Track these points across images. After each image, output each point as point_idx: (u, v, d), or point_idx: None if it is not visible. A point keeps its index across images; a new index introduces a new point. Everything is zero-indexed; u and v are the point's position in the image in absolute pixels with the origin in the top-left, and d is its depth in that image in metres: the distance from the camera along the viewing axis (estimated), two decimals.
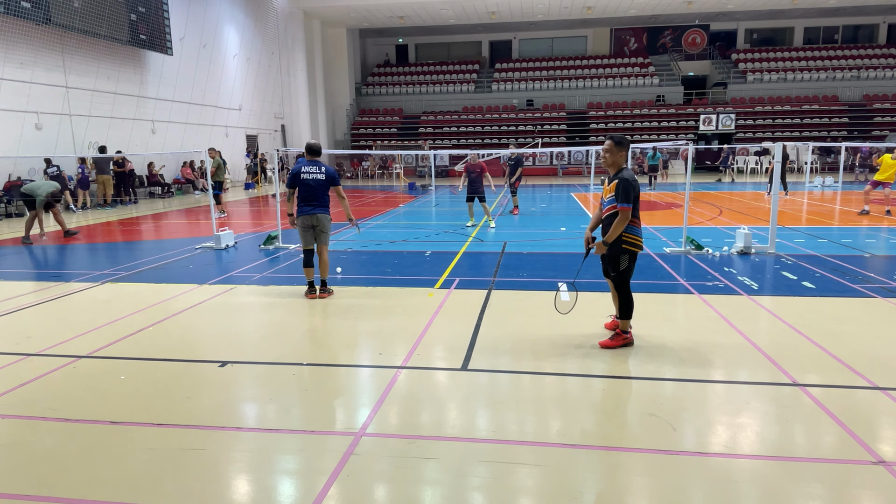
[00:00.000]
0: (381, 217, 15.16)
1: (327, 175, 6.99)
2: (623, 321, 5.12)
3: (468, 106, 38.64)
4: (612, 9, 33.24)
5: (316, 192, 6.95)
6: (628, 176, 4.81)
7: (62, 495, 3.06)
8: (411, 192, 23.24)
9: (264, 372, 4.71)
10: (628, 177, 4.81)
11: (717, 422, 3.76)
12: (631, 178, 4.80)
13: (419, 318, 6.01)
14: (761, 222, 12.38)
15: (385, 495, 3.05)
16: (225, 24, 27.21)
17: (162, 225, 14.24)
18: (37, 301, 7.01)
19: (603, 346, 5.07)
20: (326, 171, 7.01)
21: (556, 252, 9.57)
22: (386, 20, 35.24)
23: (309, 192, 6.92)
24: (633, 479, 3.15)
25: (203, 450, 3.50)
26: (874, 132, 33.18)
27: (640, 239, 4.94)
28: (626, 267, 4.96)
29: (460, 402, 4.16)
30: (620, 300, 5.08)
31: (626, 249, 4.89)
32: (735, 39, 40.53)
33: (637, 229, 4.91)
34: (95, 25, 18.39)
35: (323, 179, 6.96)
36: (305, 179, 6.89)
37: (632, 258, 4.95)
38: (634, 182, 4.81)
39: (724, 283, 7.35)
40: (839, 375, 4.44)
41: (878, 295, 6.68)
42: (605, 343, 5.10)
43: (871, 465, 3.23)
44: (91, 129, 19.14)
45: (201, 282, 7.81)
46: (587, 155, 31.18)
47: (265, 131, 31.42)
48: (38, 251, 10.87)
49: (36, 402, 4.18)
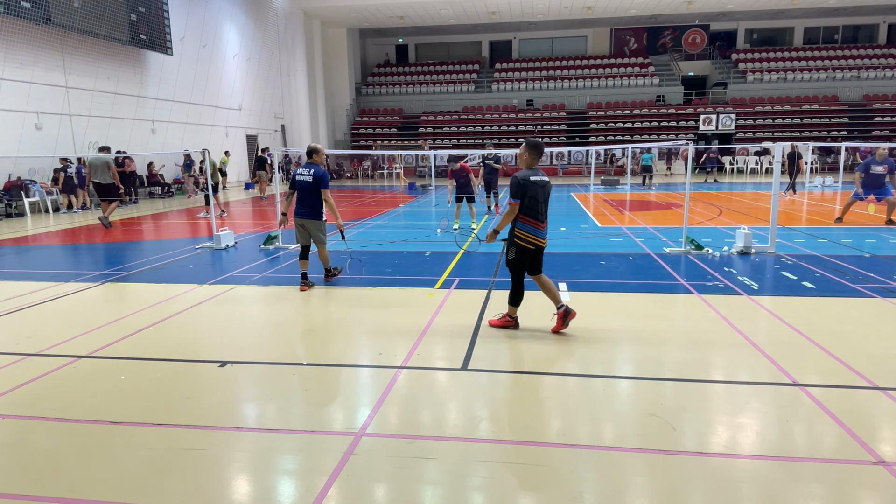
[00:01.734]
0: (380, 217, 15.16)
1: (314, 177, 7.03)
2: (510, 307, 5.61)
3: (468, 106, 38.64)
4: (612, 9, 33.24)
5: (304, 195, 7.10)
6: (520, 176, 5.24)
7: (62, 495, 3.06)
8: (411, 192, 23.24)
9: (264, 372, 4.71)
10: (520, 176, 5.23)
11: (717, 422, 3.76)
12: (521, 178, 5.20)
13: (419, 318, 6.01)
14: (761, 222, 12.38)
15: (385, 495, 3.05)
16: (225, 24, 27.21)
17: (162, 225, 14.24)
18: (37, 301, 7.01)
19: (490, 324, 5.70)
20: (314, 173, 7.04)
21: (556, 252, 9.57)
22: (386, 20, 35.24)
23: (300, 194, 7.13)
24: (633, 479, 3.15)
25: (203, 450, 3.50)
26: (874, 132, 33.18)
27: (531, 237, 5.28)
28: (513, 258, 5.41)
29: (460, 402, 4.16)
30: (511, 287, 5.56)
31: (515, 242, 5.34)
32: (735, 39, 40.54)
33: (530, 227, 5.26)
34: (95, 25, 18.39)
35: (309, 181, 7.02)
36: (297, 181, 7.12)
37: (519, 251, 5.36)
38: (524, 182, 5.18)
39: (724, 283, 7.35)
40: (839, 375, 4.44)
41: (878, 295, 6.68)
42: (492, 321, 5.74)
43: (871, 465, 3.23)
44: (91, 129, 19.14)
45: (201, 282, 7.81)
46: (587, 155, 31.20)
47: (265, 131, 31.42)
48: (39, 251, 10.87)
49: (36, 402, 4.18)
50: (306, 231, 7.29)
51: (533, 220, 5.25)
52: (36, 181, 17.15)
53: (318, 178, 7.03)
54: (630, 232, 11.68)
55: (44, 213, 16.89)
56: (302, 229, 7.28)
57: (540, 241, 5.33)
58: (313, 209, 7.16)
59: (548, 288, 5.54)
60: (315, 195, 7.11)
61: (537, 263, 5.53)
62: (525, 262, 5.44)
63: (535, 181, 5.22)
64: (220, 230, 10.57)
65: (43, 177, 17.58)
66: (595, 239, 11.02)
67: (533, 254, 5.41)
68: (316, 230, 7.24)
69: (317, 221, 7.22)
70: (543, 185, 5.27)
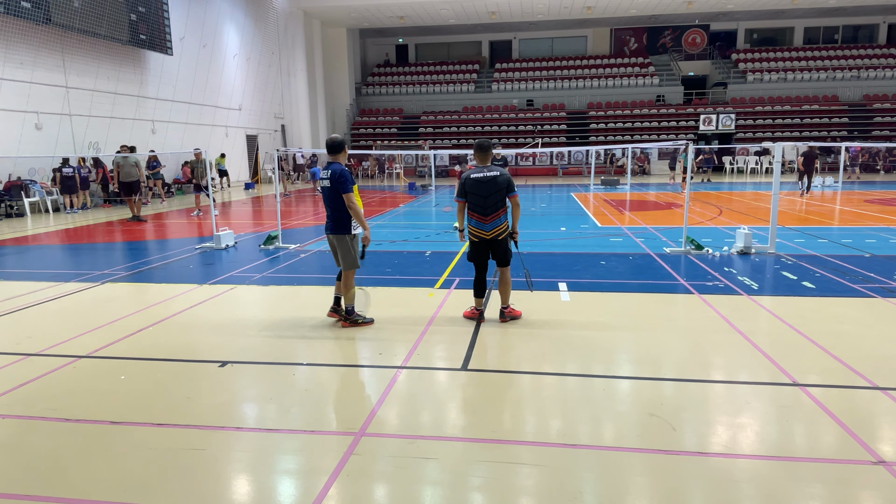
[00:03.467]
0: (380, 217, 15.16)
1: (332, 180, 5.54)
2: (475, 299, 5.95)
3: (468, 106, 38.64)
4: (612, 9, 33.23)
5: (328, 204, 5.66)
6: (463, 175, 5.73)
7: (62, 495, 3.06)
8: (411, 192, 23.23)
9: (264, 372, 4.71)
10: (462, 176, 5.72)
11: (717, 422, 3.76)
12: (463, 178, 5.70)
13: (419, 318, 6.01)
14: (761, 222, 12.38)
15: (385, 495, 3.05)
16: (225, 24, 27.21)
17: (162, 225, 14.24)
18: (37, 301, 7.01)
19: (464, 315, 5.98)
20: (331, 173, 5.55)
21: (556, 252, 9.57)
22: (386, 20, 35.24)
23: (324, 202, 5.73)
24: (633, 479, 3.15)
25: (203, 450, 3.50)
26: (874, 132, 33.18)
27: (475, 230, 5.73)
28: (467, 251, 5.97)
29: (460, 402, 4.16)
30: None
31: (467, 236, 5.86)
32: (735, 39, 40.52)
33: (474, 221, 5.72)
34: (95, 25, 18.39)
35: (328, 187, 5.59)
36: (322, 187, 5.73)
37: (469, 244, 5.89)
38: (464, 180, 5.67)
39: (724, 283, 7.34)
40: (839, 375, 4.44)
41: (878, 295, 6.68)
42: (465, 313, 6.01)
43: (871, 465, 3.23)
44: (91, 129, 19.14)
45: (201, 282, 7.81)
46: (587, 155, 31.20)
47: (265, 131, 31.42)
48: (39, 251, 10.87)
49: (36, 402, 4.18)
50: (334, 250, 5.85)
51: (477, 214, 5.65)
52: (36, 181, 17.15)
53: (335, 181, 5.52)
54: (630, 232, 11.68)
55: (44, 213, 16.89)
56: (332, 248, 5.88)
57: (483, 233, 5.69)
58: (338, 219, 5.63)
59: (504, 283, 5.85)
60: (339, 202, 5.57)
61: (497, 256, 5.81)
62: (475, 255, 5.85)
63: (475, 178, 5.61)
64: (220, 230, 10.57)
65: (43, 177, 17.58)
66: (595, 239, 11.01)
67: (480, 246, 5.77)
68: (345, 247, 5.68)
69: (344, 235, 5.66)
70: (486, 182, 5.59)
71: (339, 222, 5.63)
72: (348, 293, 5.73)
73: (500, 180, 5.59)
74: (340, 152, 5.65)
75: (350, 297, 5.74)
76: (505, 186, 5.60)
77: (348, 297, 5.74)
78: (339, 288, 5.81)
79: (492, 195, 5.58)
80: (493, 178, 5.58)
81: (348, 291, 5.73)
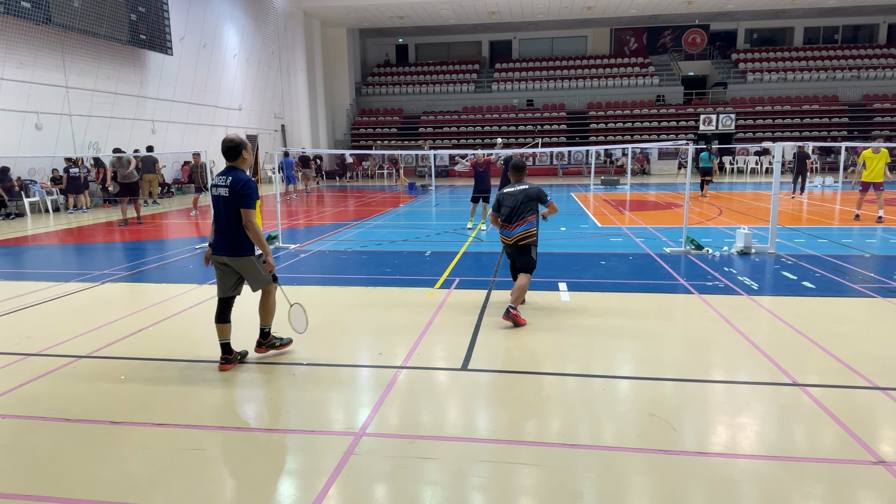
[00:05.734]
0: (380, 217, 15.16)
1: (232, 190, 4.48)
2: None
3: (468, 106, 38.63)
4: (612, 9, 33.23)
5: (223, 219, 4.58)
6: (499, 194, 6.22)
7: (62, 495, 3.06)
8: (411, 192, 23.24)
9: (264, 372, 4.71)
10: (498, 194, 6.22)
11: (717, 422, 3.76)
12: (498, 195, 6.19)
13: (419, 318, 6.01)
14: (761, 222, 12.37)
15: (385, 495, 3.05)
16: (225, 24, 27.20)
17: (162, 225, 14.24)
18: (37, 301, 7.01)
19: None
20: (233, 182, 4.50)
21: (556, 252, 9.57)
22: (386, 20, 35.23)
23: (217, 217, 4.65)
24: (633, 479, 3.15)
25: (203, 450, 3.50)
26: (874, 132, 33.17)
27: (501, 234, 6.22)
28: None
29: (460, 402, 4.16)
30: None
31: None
32: (735, 39, 40.52)
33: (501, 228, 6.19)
34: (95, 25, 18.39)
35: (225, 197, 4.51)
36: (213, 196, 4.65)
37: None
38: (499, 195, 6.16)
39: (724, 282, 7.34)
40: (839, 375, 4.44)
41: (878, 295, 6.68)
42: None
43: (871, 465, 3.23)
44: (91, 129, 19.14)
45: (201, 282, 7.81)
46: (587, 155, 31.21)
47: (265, 131, 31.41)
48: (39, 251, 10.87)
49: (36, 402, 4.18)
50: (227, 276, 4.73)
51: (503, 222, 6.12)
52: (36, 181, 17.15)
53: (237, 193, 4.47)
54: (630, 232, 11.68)
55: (44, 213, 16.89)
56: (225, 271, 4.71)
57: (506, 239, 6.13)
58: (236, 240, 4.57)
59: (519, 287, 5.95)
60: (235, 217, 4.52)
61: (519, 261, 6.11)
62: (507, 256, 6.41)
63: (507, 192, 6.13)
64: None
65: (43, 177, 17.58)
66: (595, 239, 11.01)
67: (507, 250, 6.26)
68: (253, 272, 4.73)
69: (247, 258, 4.65)
70: (514, 194, 6.07)
71: (237, 242, 4.56)
72: (269, 314, 4.93)
73: (529, 193, 6.03)
74: (238, 157, 4.60)
75: (269, 316, 4.94)
76: (535, 197, 6.01)
77: (269, 317, 4.95)
78: (223, 331, 4.75)
79: (518, 206, 5.98)
80: (522, 190, 6.07)
81: (269, 312, 4.93)
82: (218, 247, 4.65)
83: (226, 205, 4.52)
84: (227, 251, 4.61)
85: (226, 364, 4.73)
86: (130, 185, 14.20)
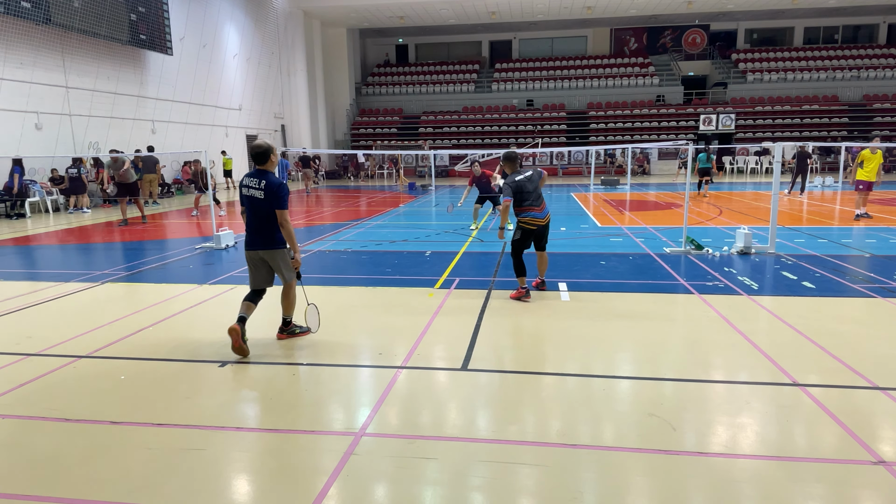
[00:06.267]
0: (380, 217, 15.16)
1: (268, 193, 4.95)
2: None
3: (468, 106, 38.63)
4: (612, 9, 33.23)
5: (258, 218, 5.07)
6: (509, 181, 6.63)
7: (62, 495, 3.06)
8: (411, 192, 23.24)
9: (264, 372, 4.72)
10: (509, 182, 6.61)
11: (717, 422, 3.76)
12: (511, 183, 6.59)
13: (419, 318, 6.01)
14: (761, 222, 12.38)
15: (385, 495, 3.05)
16: (225, 24, 27.20)
17: (162, 225, 14.24)
18: (37, 301, 7.01)
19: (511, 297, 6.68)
20: (268, 185, 4.96)
21: (557, 252, 9.57)
22: (386, 20, 35.24)
23: (252, 216, 5.11)
24: (633, 479, 3.15)
25: (203, 450, 3.50)
26: (874, 132, 33.17)
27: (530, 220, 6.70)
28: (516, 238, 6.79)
29: (460, 402, 4.16)
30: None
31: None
32: (735, 39, 40.52)
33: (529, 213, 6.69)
34: (95, 25, 18.39)
35: (261, 199, 4.98)
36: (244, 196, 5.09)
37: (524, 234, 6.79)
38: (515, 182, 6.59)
39: (724, 282, 7.34)
40: (839, 375, 4.44)
41: (878, 295, 6.68)
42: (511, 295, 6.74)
43: (871, 465, 3.23)
44: (91, 129, 19.14)
45: (201, 282, 7.81)
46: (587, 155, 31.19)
47: (265, 131, 31.41)
48: (39, 251, 10.87)
49: (36, 402, 4.18)
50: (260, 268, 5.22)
51: (534, 206, 6.66)
52: (36, 181, 17.14)
53: (273, 195, 4.95)
54: (630, 232, 11.68)
55: (44, 213, 16.89)
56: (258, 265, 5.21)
57: (540, 221, 6.71)
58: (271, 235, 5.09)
59: (545, 261, 7.08)
60: (272, 217, 5.02)
61: (545, 240, 6.92)
62: (525, 242, 6.84)
63: (524, 178, 6.66)
64: (220, 230, 10.57)
65: (43, 177, 17.58)
66: (595, 239, 11.01)
67: (533, 233, 6.80)
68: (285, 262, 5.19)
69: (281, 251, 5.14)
70: (532, 178, 6.70)
71: (273, 235, 5.05)
72: (290, 305, 5.40)
73: (540, 173, 6.87)
74: (267, 161, 5.03)
75: (291, 307, 5.42)
76: (540, 177, 6.82)
77: (291, 308, 5.43)
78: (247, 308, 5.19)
79: (538, 187, 6.70)
80: (536, 171, 6.84)
81: (290, 304, 5.40)
82: (254, 243, 5.12)
83: (260, 205, 5.00)
84: (262, 245, 5.10)
85: (237, 325, 5.00)
86: (129, 186, 14.15)
